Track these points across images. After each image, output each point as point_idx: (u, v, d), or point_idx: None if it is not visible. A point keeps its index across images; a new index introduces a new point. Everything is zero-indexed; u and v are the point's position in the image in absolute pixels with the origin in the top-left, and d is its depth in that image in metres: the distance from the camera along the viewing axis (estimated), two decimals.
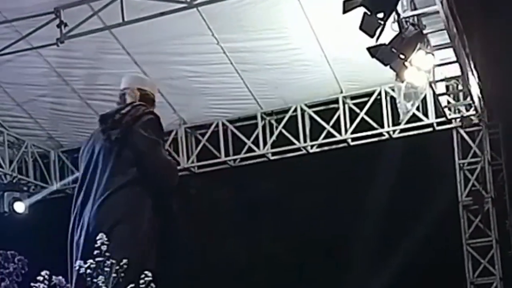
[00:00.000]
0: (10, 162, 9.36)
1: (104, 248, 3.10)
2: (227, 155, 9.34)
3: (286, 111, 9.05)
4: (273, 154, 9.27)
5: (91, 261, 3.07)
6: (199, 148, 9.47)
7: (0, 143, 9.24)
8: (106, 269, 3.03)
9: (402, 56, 6.45)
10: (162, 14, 7.19)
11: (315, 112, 8.99)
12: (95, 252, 3.11)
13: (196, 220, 12.22)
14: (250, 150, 9.23)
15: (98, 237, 3.15)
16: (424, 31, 6.75)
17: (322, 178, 9.94)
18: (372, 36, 6.22)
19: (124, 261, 3.09)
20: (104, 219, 3.85)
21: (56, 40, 7.38)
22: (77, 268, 3.13)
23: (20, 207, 9.35)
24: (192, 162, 9.50)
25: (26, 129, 9.44)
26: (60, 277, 3.10)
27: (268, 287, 10.98)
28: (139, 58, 8.15)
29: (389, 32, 6.39)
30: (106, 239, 3.13)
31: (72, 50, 7.80)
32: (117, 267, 3.06)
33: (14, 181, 9.46)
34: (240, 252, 11.95)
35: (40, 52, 7.95)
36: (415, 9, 6.62)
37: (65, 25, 7.33)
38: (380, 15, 6.14)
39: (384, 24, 6.18)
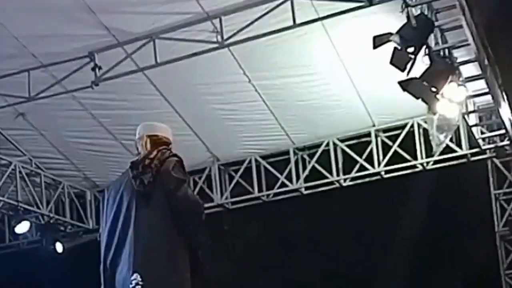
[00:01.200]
0: (47, 202, 9.49)
1: None
2: (260, 190, 9.37)
3: (319, 145, 9.07)
4: (306, 188, 9.28)
5: None
6: (232, 184, 9.51)
7: (37, 184, 9.37)
8: None
9: (433, 89, 6.45)
10: (194, 54, 7.30)
11: (347, 146, 9.00)
12: None
13: (231, 255, 12.23)
14: (283, 185, 9.25)
15: (133, 277, 3.19)
16: (456, 63, 6.75)
17: (356, 211, 9.91)
18: (403, 70, 6.25)
19: None
20: (148, 264, 3.96)
21: (91, 83, 7.52)
22: None
23: (59, 247, 9.46)
24: (226, 198, 9.54)
25: (62, 170, 9.58)
26: None
27: None
28: (172, 98, 8.26)
29: (420, 65, 6.41)
30: (140, 279, 3.16)
31: (107, 92, 7.92)
32: None
33: (52, 221, 9.58)
34: (275, 285, 11.89)
35: (75, 95, 8.09)
36: (446, 42, 6.64)
37: (99, 68, 7.47)
38: (411, 49, 6.17)
39: (415, 58, 6.20)
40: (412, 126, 8.69)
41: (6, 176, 8.90)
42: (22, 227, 9.32)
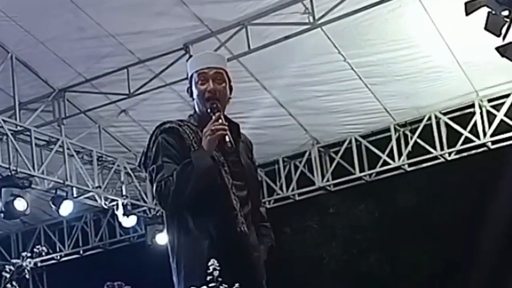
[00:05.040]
0: (153, 197, 9.68)
1: (216, 273, 3.06)
2: (362, 170, 9.23)
3: (420, 120, 8.86)
4: (410, 165, 9.08)
5: (205, 287, 3.04)
6: (333, 166, 9.43)
7: (142, 179, 9.58)
8: None
9: None
10: (286, 38, 7.27)
11: (450, 118, 8.75)
12: (208, 278, 3.08)
13: (337, 236, 12.19)
14: (385, 163, 9.09)
15: (210, 263, 3.11)
16: None
17: (463, 186, 9.67)
18: (498, 35, 6.03)
19: (236, 285, 3.05)
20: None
21: (187, 75, 7.59)
22: None
23: (160, 239, 9.64)
24: (328, 180, 9.46)
25: None
26: None
27: None
28: (268, 83, 8.25)
29: None
30: (217, 264, 3.08)
31: None
32: None
33: (158, 214, 9.79)
34: (384, 264, 11.80)
35: (174, 88, 8.20)
36: None
37: None
38: (505, 12, 5.94)
39: (511, 22, 5.96)
40: None
41: (112, 172, 9.13)
42: (129, 221, 9.54)
